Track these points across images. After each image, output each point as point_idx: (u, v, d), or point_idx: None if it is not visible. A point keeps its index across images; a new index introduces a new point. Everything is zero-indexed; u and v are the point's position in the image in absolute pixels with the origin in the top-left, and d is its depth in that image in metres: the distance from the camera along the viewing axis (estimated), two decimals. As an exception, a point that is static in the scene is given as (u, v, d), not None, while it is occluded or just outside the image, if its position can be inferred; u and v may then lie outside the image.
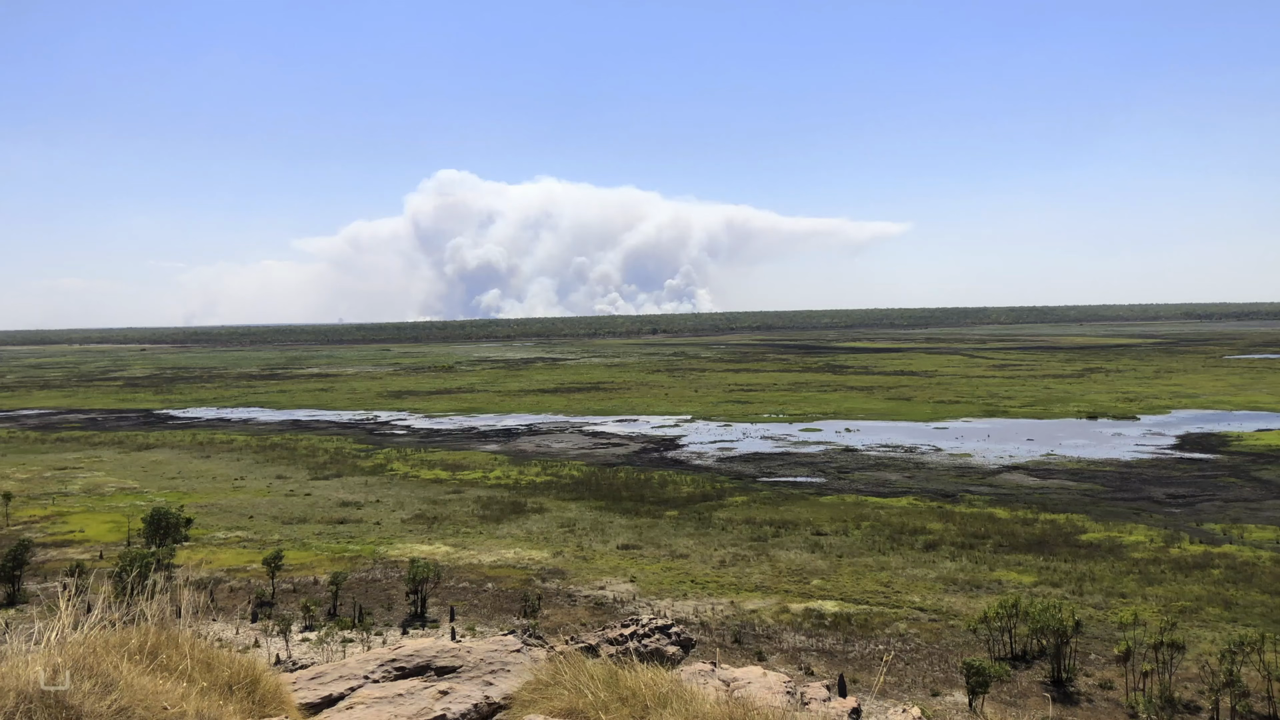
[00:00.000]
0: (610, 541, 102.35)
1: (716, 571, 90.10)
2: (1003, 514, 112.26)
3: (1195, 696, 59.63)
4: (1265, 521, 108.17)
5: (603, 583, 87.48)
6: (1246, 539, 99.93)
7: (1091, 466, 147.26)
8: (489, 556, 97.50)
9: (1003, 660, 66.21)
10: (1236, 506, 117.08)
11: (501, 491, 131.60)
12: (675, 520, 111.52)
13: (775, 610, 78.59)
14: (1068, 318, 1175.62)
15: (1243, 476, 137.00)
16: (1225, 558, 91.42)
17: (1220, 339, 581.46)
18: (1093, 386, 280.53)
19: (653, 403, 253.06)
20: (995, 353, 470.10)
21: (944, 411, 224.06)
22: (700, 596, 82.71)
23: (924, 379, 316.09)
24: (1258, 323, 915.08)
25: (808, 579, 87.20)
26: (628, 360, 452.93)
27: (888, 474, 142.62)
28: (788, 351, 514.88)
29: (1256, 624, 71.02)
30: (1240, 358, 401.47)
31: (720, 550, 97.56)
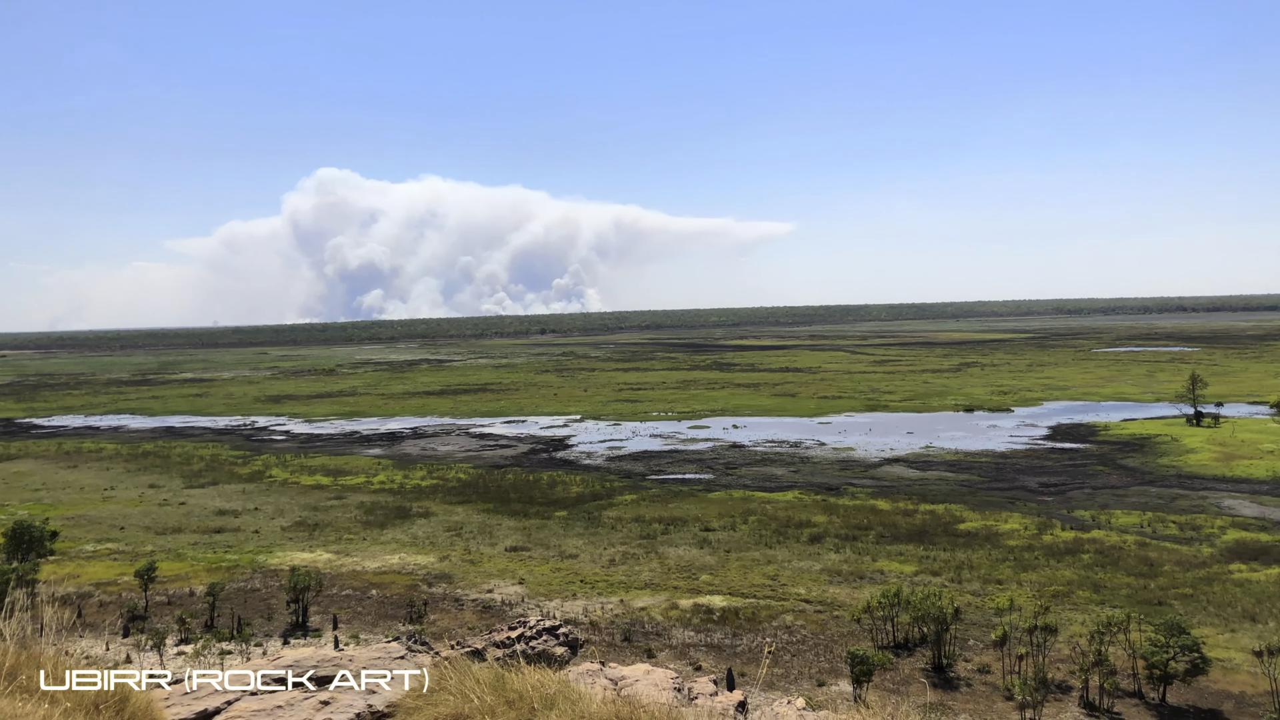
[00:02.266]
0: (498, 544, 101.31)
1: (606, 570, 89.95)
2: (884, 506, 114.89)
3: (1067, 676, 61.87)
4: (1130, 507, 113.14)
5: (491, 586, 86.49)
6: (1113, 524, 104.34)
7: (968, 458, 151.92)
8: (373, 563, 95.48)
9: (886, 649, 67.62)
10: (1104, 494, 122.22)
11: (386, 496, 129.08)
12: (564, 520, 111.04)
13: (665, 607, 78.82)
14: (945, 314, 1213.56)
15: (1110, 465, 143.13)
16: (1094, 543, 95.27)
17: (1089, 333, 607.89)
18: (969, 380, 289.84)
19: (541, 403, 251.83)
20: (876, 349, 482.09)
21: (828, 407, 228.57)
22: (590, 596, 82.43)
23: (808, 375, 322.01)
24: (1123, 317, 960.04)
25: (696, 575, 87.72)
26: (516, 361, 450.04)
27: (774, 469, 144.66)
28: (676, 350, 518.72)
29: (1123, 605, 74.13)
30: (1107, 351, 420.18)
31: (610, 549, 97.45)
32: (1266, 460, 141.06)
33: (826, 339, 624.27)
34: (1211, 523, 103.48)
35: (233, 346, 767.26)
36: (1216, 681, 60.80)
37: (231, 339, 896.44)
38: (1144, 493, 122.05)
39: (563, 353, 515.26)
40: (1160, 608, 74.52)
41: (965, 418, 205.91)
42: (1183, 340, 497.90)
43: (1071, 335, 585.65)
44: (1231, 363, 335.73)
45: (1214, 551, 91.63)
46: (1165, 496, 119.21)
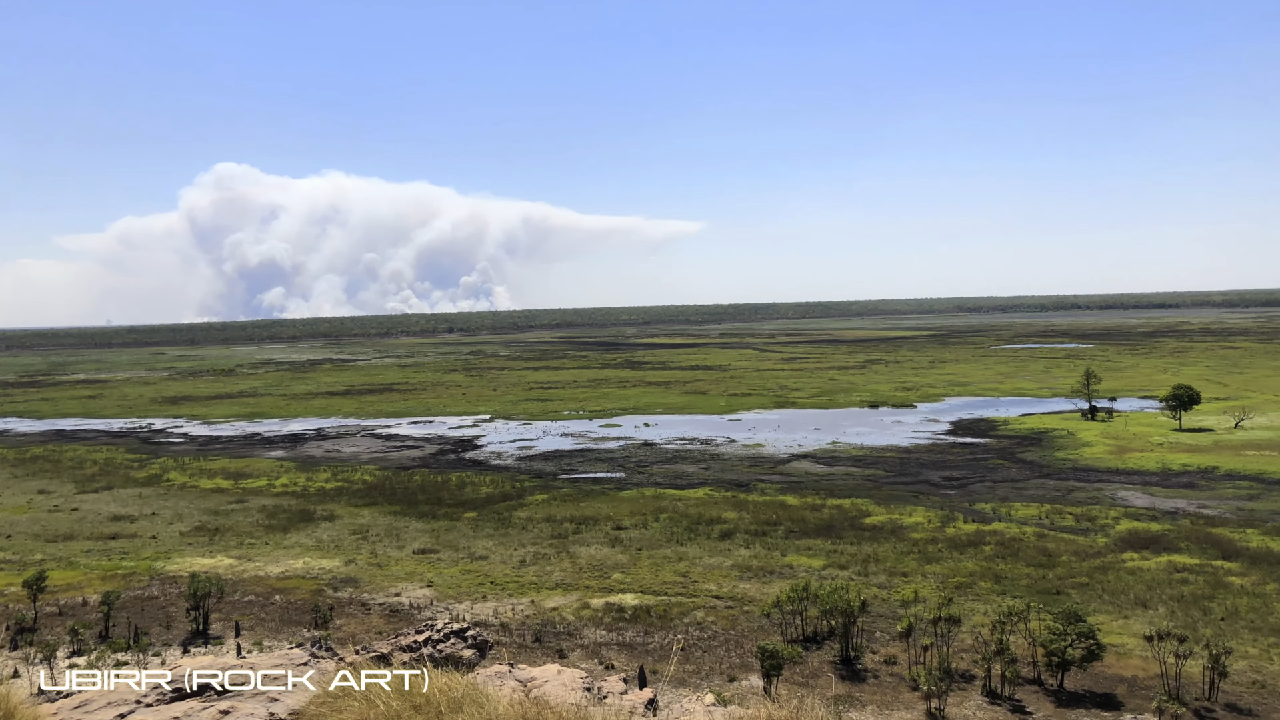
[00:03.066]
0: (406, 546, 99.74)
1: (517, 571, 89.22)
2: (793, 501, 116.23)
3: (970, 666, 63.26)
4: (1029, 500, 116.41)
5: (398, 589, 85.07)
6: (1013, 516, 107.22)
7: (874, 453, 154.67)
8: (276, 567, 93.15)
9: (795, 642, 68.31)
10: (1004, 487, 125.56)
11: (289, 499, 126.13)
12: (474, 522, 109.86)
13: (576, 607, 78.47)
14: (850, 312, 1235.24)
15: (1009, 458, 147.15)
16: (995, 535, 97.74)
17: (988, 330, 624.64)
18: (874, 377, 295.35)
19: (449, 403, 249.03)
20: (784, 346, 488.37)
21: (737, 404, 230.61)
22: (500, 597, 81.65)
23: (719, 373, 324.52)
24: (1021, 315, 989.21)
25: (608, 573, 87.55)
26: (423, 360, 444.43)
27: (685, 466, 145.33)
28: (587, 348, 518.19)
29: (1023, 595, 76.20)
30: (1006, 348, 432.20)
31: (521, 550, 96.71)
32: (1156, 453, 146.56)
33: (736, 337, 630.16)
34: (1106, 513, 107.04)
35: (127, 346, 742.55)
36: (1111, 666, 62.80)
37: (126, 339, 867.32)
38: (1042, 485, 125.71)
39: (471, 351, 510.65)
40: (1058, 596, 76.75)
41: (871, 414, 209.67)
42: (1077, 337, 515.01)
43: (972, 333, 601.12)
44: (1123, 359, 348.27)
45: (1108, 541, 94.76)
46: (1062, 489, 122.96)
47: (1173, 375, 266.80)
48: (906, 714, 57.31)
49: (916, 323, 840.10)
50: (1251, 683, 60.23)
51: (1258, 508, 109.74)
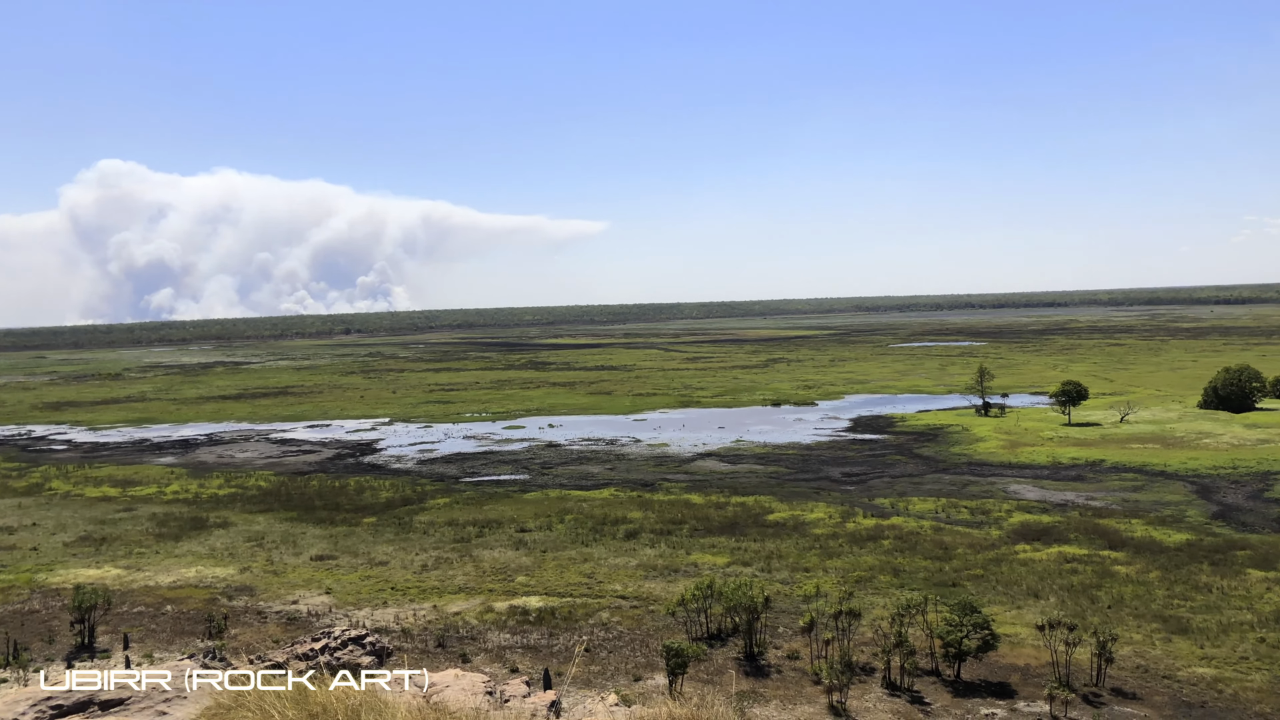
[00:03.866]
0: (303, 553, 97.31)
1: (418, 576, 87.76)
2: (698, 499, 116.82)
3: (871, 659, 64.25)
4: (926, 494, 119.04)
5: (296, 597, 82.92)
6: (911, 511, 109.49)
7: (777, 450, 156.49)
8: (167, 577, 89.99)
9: (700, 640, 68.51)
10: (902, 482, 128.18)
11: (180, 507, 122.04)
12: (374, 527, 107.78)
13: (480, 610, 77.51)
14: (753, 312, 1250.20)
15: (907, 454, 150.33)
16: (894, 529, 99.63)
17: (886, 329, 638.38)
18: (776, 376, 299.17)
19: (347, 406, 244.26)
20: (689, 346, 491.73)
21: (642, 404, 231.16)
22: (401, 603, 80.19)
23: (623, 373, 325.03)
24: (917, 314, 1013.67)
25: (512, 576, 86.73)
26: (319, 362, 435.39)
27: (590, 467, 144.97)
28: (490, 349, 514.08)
29: (921, 588, 77.71)
30: (903, 346, 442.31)
31: (422, 554, 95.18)
32: (1047, 447, 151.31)
33: (641, 337, 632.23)
34: (999, 507, 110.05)
35: (5, 350, 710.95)
36: (1005, 656, 64.44)
37: (3, 342, 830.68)
38: (938, 480, 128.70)
39: (369, 353, 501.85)
40: (955, 589, 78.52)
41: (773, 412, 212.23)
42: (971, 335, 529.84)
43: (870, 331, 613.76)
44: (1015, 356, 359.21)
45: (1001, 534, 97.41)
46: (958, 483, 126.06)
47: (1062, 372, 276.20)
48: (809, 708, 57.91)
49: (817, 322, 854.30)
50: (1136, 667, 62.42)
51: (1141, 499, 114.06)
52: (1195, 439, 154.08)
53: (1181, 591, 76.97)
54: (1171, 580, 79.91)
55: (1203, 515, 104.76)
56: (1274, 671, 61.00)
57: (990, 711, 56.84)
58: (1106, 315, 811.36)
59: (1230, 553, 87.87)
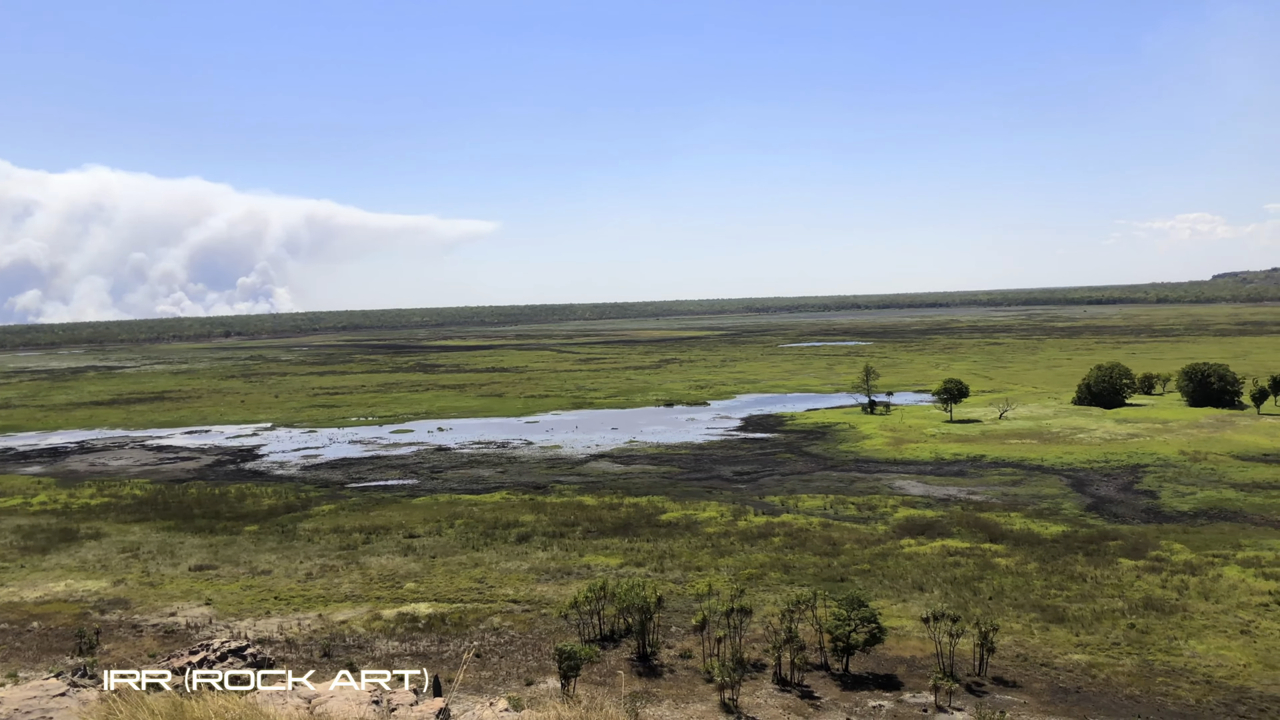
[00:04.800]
0: (181, 564, 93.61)
1: (303, 585, 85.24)
2: (591, 501, 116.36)
3: (762, 655, 64.70)
4: (815, 491, 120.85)
5: (174, 609, 79.69)
6: (800, 508, 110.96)
7: (669, 450, 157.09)
8: (34, 592, 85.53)
9: (593, 642, 68.05)
10: (792, 479, 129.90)
11: (48, 518, 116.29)
12: (256, 535, 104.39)
13: (367, 618, 75.66)
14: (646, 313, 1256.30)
15: (796, 452, 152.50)
16: (784, 526, 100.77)
17: (776, 330, 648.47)
18: (669, 376, 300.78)
19: (227, 411, 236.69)
20: (581, 347, 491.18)
21: (535, 406, 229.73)
22: (285, 613, 77.76)
23: (515, 375, 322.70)
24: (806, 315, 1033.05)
25: (401, 583, 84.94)
26: (197, 366, 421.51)
27: (481, 470, 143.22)
28: (377, 352, 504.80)
29: (810, 584, 78.72)
30: (792, 346, 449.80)
31: (307, 562, 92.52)
32: (930, 443, 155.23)
33: (533, 338, 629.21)
34: (885, 502, 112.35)
35: None
36: (891, 649, 65.60)
37: None
38: (827, 477, 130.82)
39: (250, 356, 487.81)
40: (843, 584, 79.72)
41: (666, 412, 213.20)
42: (858, 335, 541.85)
43: (761, 332, 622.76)
44: (899, 355, 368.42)
45: (887, 529, 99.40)
46: (845, 480, 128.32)
47: (944, 370, 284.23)
48: (701, 706, 57.97)
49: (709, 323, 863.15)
50: (1016, 656, 64.22)
51: (1020, 492, 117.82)
52: (1070, 434, 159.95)
53: (1058, 581, 79.59)
54: (1049, 571, 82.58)
55: (1077, 508, 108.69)
56: (1143, 656, 63.43)
57: (878, 703, 57.72)
58: (986, 315, 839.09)
59: (1103, 543, 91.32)
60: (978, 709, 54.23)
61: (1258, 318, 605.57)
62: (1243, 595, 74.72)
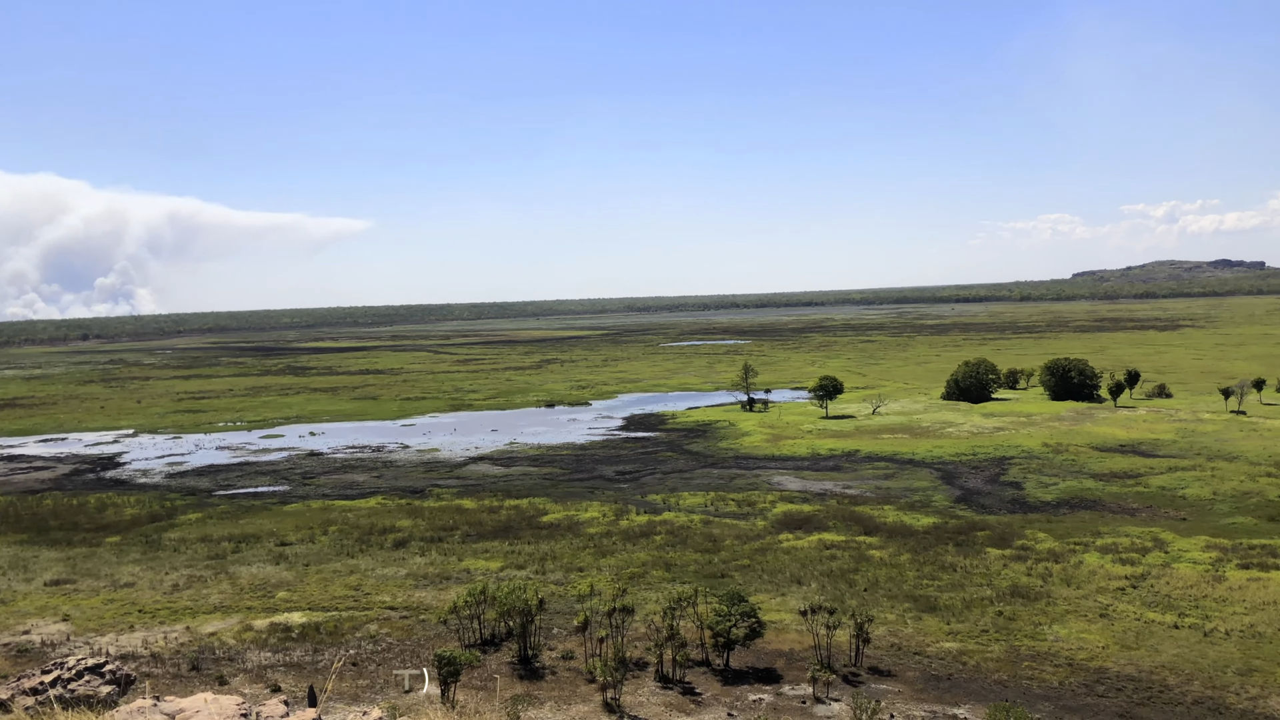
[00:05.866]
0: (36, 579, 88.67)
1: (169, 597, 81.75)
2: (470, 504, 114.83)
3: (644, 653, 64.72)
4: (696, 489, 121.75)
5: (28, 626, 75.40)
6: (682, 506, 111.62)
7: (550, 451, 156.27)
8: None
9: (474, 647, 67.11)
10: (673, 478, 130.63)
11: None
12: (117, 546, 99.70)
13: (238, 629, 72.98)
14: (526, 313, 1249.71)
15: (678, 450, 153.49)
16: (665, 524, 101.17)
17: (657, 329, 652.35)
18: (550, 377, 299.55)
19: (85, 418, 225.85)
20: (459, 348, 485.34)
21: (411, 408, 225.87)
22: (150, 626, 74.42)
23: (390, 377, 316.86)
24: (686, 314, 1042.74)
25: (273, 592, 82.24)
26: (52, 371, 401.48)
27: (355, 475, 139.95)
28: (245, 354, 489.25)
29: (691, 581, 79.18)
30: (673, 345, 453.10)
31: (173, 574, 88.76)
32: (807, 439, 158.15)
33: (409, 339, 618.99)
34: (764, 498, 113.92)
35: None
36: (771, 642, 66.41)
37: None
38: (708, 474, 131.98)
39: (110, 360, 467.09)
40: (723, 580, 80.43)
41: (547, 413, 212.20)
42: (737, 334, 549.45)
43: (642, 331, 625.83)
44: (777, 353, 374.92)
45: (766, 524, 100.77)
46: (726, 477, 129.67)
47: (820, 367, 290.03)
48: (583, 706, 57.63)
49: (590, 322, 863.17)
50: (890, 645, 65.75)
51: (892, 486, 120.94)
52: (939, 428, 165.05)
53: (930, 572, 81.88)
54: (921, 562, 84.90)
55: (947, 499, 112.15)
56: (1011, 642, 65.68)
57: (758, 697, 58.31)
58: (859, 314, 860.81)
59: (972, 533, 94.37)
60: (854, 699, 55.26)
61: (1114, 314, 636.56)
62: (1101, 580, 78.12)
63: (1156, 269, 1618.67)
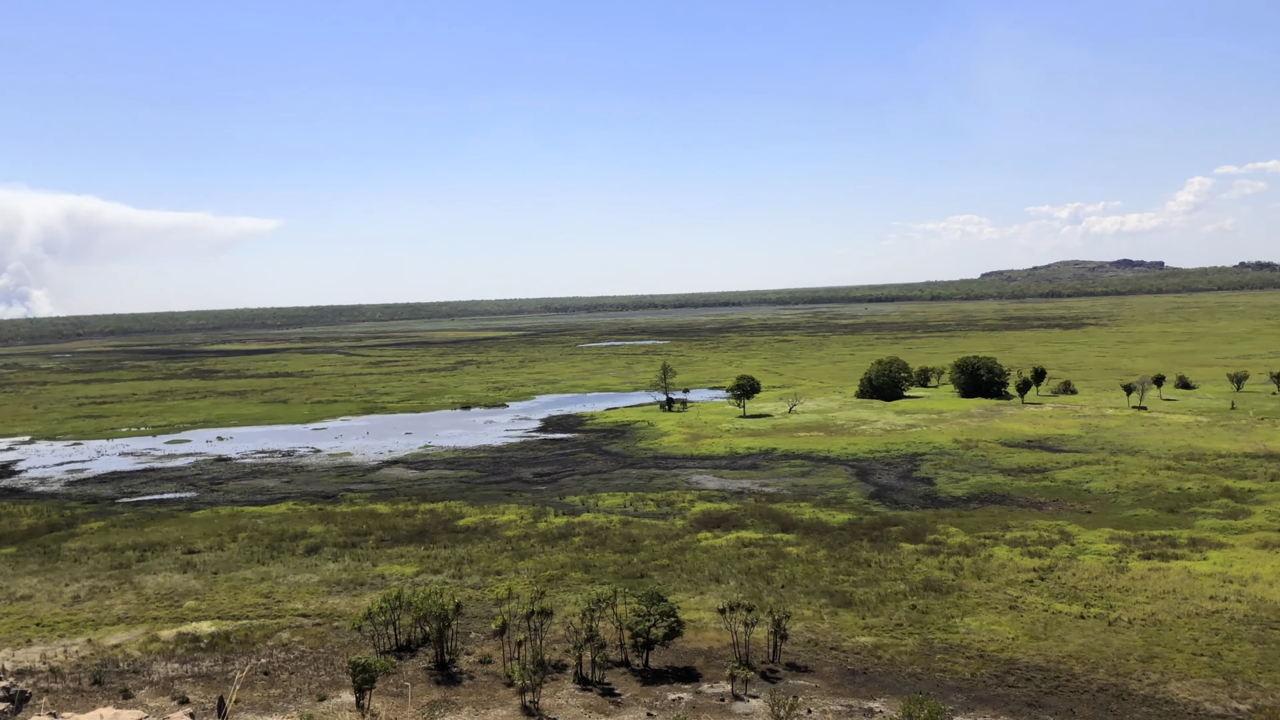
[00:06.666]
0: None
1: (69, 609, 78.81)
2: (384, 509, 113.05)
3: (563, 655, 64.35)
4: (615, 489, 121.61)
5: (-85, 644, 71.98)
6: (601, 507, 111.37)
7: (467, 454, 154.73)
8: None
9: (389, 653, 66.01)
10: (592, 479, 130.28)
11: None
12: (13, 558, 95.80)
13: (143, 641, 70.68)
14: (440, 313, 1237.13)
15: (596, 451, 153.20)
16: (584, 526, 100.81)
17: (575, 330, 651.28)
18: (466, 378, 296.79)
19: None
20: (372, 350, 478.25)
21: (322, 412, 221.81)
22: (49, 640, 71.62)
23: (301, 379, 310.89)
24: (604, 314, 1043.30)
25: (180, 601, 79.86)
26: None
27: (266, 481, 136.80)
28: (149, 357, 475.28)
29: (610, 581, 78.99)
30: (591, 346, 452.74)
31: (74, 585, 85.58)
32: (725, 438, 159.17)
33: (319, 341, 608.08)
34: (683, 497, 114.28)
35: None
36: (690, 641, 66.55)
37: None
38: (626, 475, 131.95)
39: (4, 365, 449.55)
40: (643, 579, 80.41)
41: (463, 415, 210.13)
42: (655, 334, 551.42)
43: (560, 332, 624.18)
44: (695, 353, 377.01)
45: (685, 523, 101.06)
46: (644, 477, 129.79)
47: (737, 367, 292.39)
48: (502, 710, 57.06)
49: (506, 323, 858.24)
50: (807, 641, 66.40)
51: (809, 483, 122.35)
52: (854, 426, 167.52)
53: (845, 567, 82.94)
54: (837, 558, 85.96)
55: (862, 496, 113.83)
56: (924, 635, 66.82)
57: (677, 696, 58.37)
58: (775, 314, 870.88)
59: (886, 529, 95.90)
60: (772, 696, 55.61)
61: (1021, 313, 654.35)
62: (1011, 573, 79.98)
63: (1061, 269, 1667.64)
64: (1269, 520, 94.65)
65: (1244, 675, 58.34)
